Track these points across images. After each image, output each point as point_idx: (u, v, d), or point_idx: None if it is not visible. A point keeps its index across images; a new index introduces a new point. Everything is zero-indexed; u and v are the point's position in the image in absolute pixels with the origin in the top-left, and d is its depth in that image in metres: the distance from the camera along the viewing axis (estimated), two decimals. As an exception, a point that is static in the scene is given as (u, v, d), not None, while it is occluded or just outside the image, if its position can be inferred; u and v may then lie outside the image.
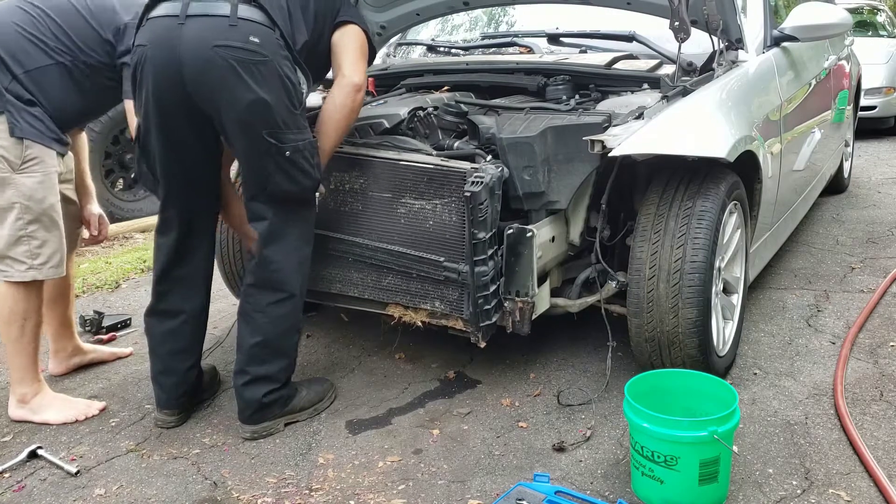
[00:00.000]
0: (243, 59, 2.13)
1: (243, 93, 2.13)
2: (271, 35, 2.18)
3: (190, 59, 2.12)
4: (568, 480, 2.15)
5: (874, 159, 6.76)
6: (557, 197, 2.47)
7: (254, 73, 2.13)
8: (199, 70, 2.12)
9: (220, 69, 2.11)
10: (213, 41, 2.11)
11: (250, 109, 2.15)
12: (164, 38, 2.14)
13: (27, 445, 2.35)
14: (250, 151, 2.24)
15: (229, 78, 2.12)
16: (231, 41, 2.12)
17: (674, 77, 2.76)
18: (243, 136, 2.21)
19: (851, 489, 2.06)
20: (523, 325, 2.43)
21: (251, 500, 2.10)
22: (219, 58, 2.11)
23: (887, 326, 3.10)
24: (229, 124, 2.19)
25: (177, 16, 2.14)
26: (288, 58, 2.22)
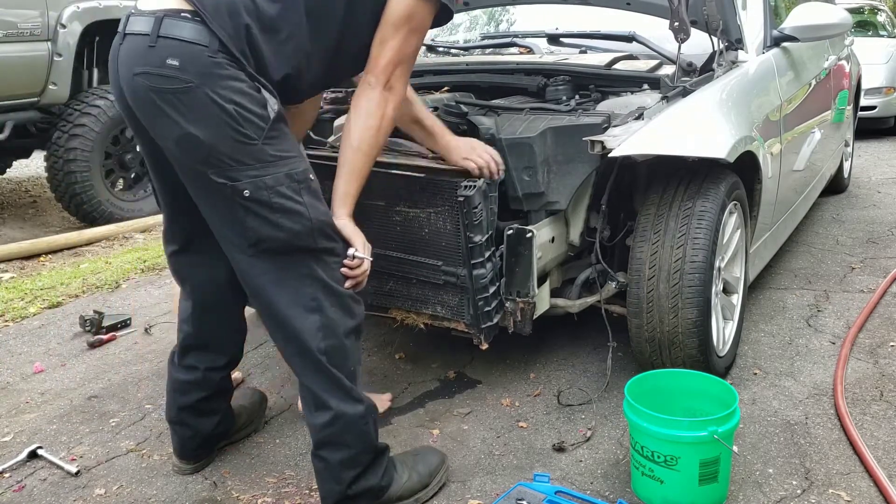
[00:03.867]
0: (159, 87, 1.73)
1: (167, 126, 1.76)
2: (201, 54, 1.72)
3: (125, 88, 1.81)
4: (568, 480, 2.15)
5: (874, 159, 6.76)
6: (557, 197, 2.47)
7: (175, 104, 1.73)
8: (129, 100, 1.81)
9: (142, 101, 1.77)
10: (133, 67, 1.76)
11: (180, 147, 1.77)
12: (112, 59, 1.85)
13: (27, 445, 2.35)
14: (207, 198, 1.84)
15: (149, 110, 1.77)
16: (147, 66, 1.74)
17: (674, 77, 2.76)
18: (189, 178, 1.85)
19: (851, 489, 2.06)
20: (524, 325, 2.42)
21: (251, 500, 2.10)
22: (140, 87, 1.75)
23: (887, 326, 3.10)
24: (175, 164, 1.86)
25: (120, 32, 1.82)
26: (232, 77, 1.74)
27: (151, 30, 1.73)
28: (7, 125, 5.07)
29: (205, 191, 1.83)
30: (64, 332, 3.33)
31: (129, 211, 5.55)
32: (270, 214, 1.79)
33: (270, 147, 1.79)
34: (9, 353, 3.12)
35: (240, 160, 1.76)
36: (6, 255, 4.55)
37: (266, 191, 1.78)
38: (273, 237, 1.81)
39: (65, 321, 3.44)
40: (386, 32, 1.90)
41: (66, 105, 5.33)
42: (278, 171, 1.80)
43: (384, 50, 1.90)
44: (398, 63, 1.92)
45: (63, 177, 5.22)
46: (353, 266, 1.94)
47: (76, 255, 4.78)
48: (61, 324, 3.41)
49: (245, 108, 1.75)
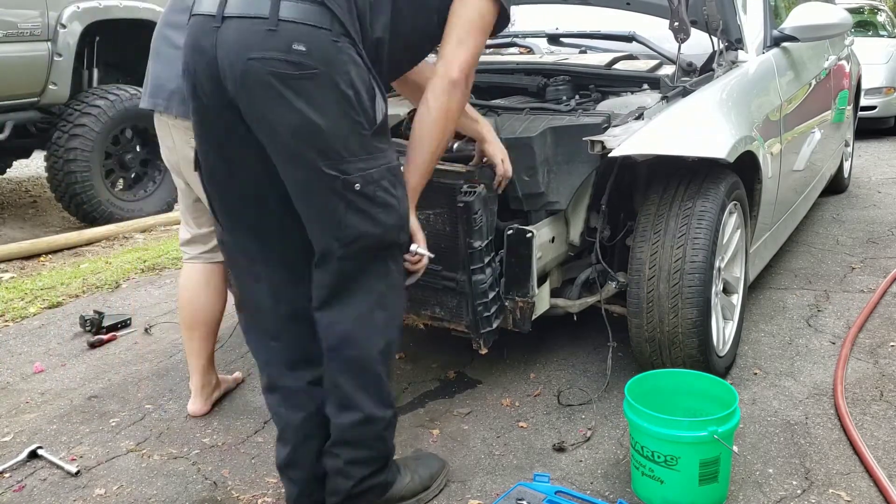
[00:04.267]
0: (284, 73, 1.64)
1: (286, 114, 1.67)
2: (325, 38, 1.66)
3: (225, 73, 1.68)
4: (568, 480, 2.15)
5: (874, 159, 6.76)
6: (557, 197, 2.47)
7: (299, 91, 1.65)
8: (235, 86, 1.68)
9: (257, 87, 1.66)
10: (248, 52, 1.65)
11: (298, 136, 1.68)
12: (200, 44, 1.71)
13: (27, 445, 2.35)
14: (310, 189, 1.75)
15: (267, 97, 1.66)
16: (268, 51, 1.64)
17: (674, 77, 2.76)
18: (296, 168, 1.74)
19: (851, 489, 2.06)
20: (524, 323, 2.42)
21: (251, 500, 2.10)
22: (254, 73, 1.65)
23: (887, 326, 3.10)
24: (279, 156, 1.74)
25: (213, 15, 1.69)
26: (353, 62, 1.69)
27: (270, 12, 1.64)
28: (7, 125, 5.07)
29: (309, 185, 1.74)
30: (64, 332, 3.33)
31: (129, 211, 5.55)
32: (372, 209, 1.76)
33: (376, 139, 1.77)
34: (9, 353, 3.12)
35: (353, 151, 1.72)
36: (6, 255, 4.55)
37: (372, 185, 1.75)
38: (369, 234, 1.78)
39: (65, 321, 3.44)
40: (462, 33, 1.87)
41: (66, 105, 5.33)
42: (381, 164, 1.77)
43: (461, 50, 1.86)
44: (474, 63, 1.91)
45: (63, 177, 5.22)
46: (415, 262, 1.95)
47: (76, 255, 4.78)
48: (61, 324, 3.41)
49: (361, 95, 1.71)
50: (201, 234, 2.52)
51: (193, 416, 2.54)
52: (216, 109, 1.74)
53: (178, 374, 2.85)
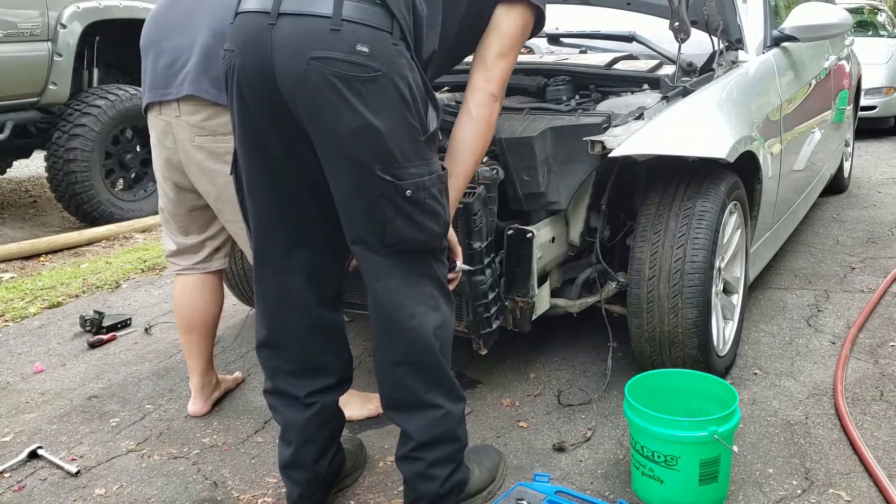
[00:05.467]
0: (347, 74, 1.60)
1: (347, 117, 1.62)
2: (386, 40, 1.63)
3: (283, 72, 1.63)
4: (568, 480, 2.15)
5: (874, 159, 6.77)
6: (557, 197, 2.47)
7: (361, 93, 1.62)
8: (292, 86, 1.63)
9: (317, 88, 1.61)
10: (310, 52, 1.60)
11: (356, 138, 1.64)
12: (254, 42, 1.65)
13: (27, 445, 2.35)
14: (359, 192, 1.71)
15: (329, 98, 1.62)
16: (332, 51, 1.60)
17: (674, 77, 2.76)
18: (349, 172, 1.69)
19: (851, 489, 2.06)
20: (524, 323, 2.42)
21: (251, 500, 2.11)
22: (315, 73, 1.60)
23: (887, 326, 3.10)
24: (332, 159, 1.70)
25: (267, 13, 1.64)
26: (410, 67, 1.68)
27: (333, 11, 1.60)
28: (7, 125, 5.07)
29: (360, 189, 1.71)
30: (64, 332, 3.33)
31: (129, 211, 5.55)
32: (419, 216, 1.74)
33: (428, 145, 1.75)
34: (9, 353, 3.12)
35: (407, 157, 1.70)
36: (6, 255, 4.55)
37: (423, 192, 1.73)
38: (413, 239, 1.76)
39: (65, 321, 3.44)
40: (504, 47, 1.88)
41: (66, 105, 5.33)
42: (432, 172, 1.76)
43: (503, 63, 1.88)
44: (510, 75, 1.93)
45: (63, 177, 5.22)
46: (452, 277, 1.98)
47: (76, 255, 4.78)
48: (61, 324, 3.41)
49: (417, 101, 1.70)
50: (191, 244, 2.47)
51: (194, 416, 2.54)
52: (263, 109, 1.71)
53: (178, 374, 2.86)
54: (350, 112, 1.63)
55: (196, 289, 2.50)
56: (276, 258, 1.88)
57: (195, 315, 2.50)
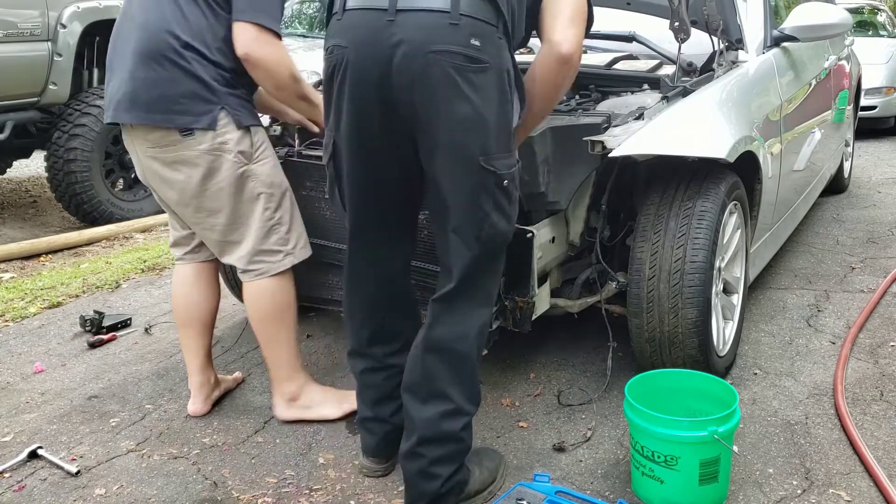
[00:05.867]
0: (462, 66, 1.70)
1: (460, 107, 1.71)
2: (494, 34, 1.74)
3: (401, 66, 1.71)
4: (568, 480, 2.15)
5: (874, 159, 6.77)
6: (557, 197, 2.47)
7: (473, 84, 1.71)
8: (410, 79, 1.71)
9: (436, 79, 1.70)
10: (430, 45, 1.69)
11: (466, 127, 1.73)
12: (370, 37, 1.73)
13: (27, 445, 2.35)
14: (462, 185, 1.79)
15: (445, 89, 1.71)
16: (451, 44, 1.69)
17: (674, 77, 2.76)
18: (455, 163, 1.77)
19: (851, 489, 2.06)
20: (524, 323, 2.42)
21: (251, 500, 2.11)
22: (434, 65, 1.69)
23: (887, 326, 3.10)
24: (440, 148, 1.77)
25: (384, 9, 1.71)
26: (509, 62, 1.79)
27: (451, 6, 1.69)
28: (7, 125, 5.07)
29: (461, 180, 1.79)
30: (64, 332, 3.33)
31: (129, 211, 5.55)
32: (509, 206, 1.86)
33: (514, 137, 1.86)
34: (9, 353, 3.12)
35: (502, 148, 1.80)
36: (6, 255, 4.55)
37: (513, 182, 1.85)
38: (504, 231, 1.87)
39: (65, 321, 3.44)
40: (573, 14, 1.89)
41: (66, 105, 5.33)
42: (518, 163, 1.88)
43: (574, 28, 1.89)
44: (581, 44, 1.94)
45: (63, 177, 5.22)
46: None
47: (76, 255, 4.78)
48: (61, 324, 3.41)
49: (513, 92, 1.80)
50: (183, 235, 2.53)
51: (193, 415, 2.54)
52: (374, 104, 1.78)
53: (178, 374, 2.86)
54: (463, 101, 1.72)
55: (191, 280, 2.54)
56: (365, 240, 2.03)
57: (191, 307, 2.52)
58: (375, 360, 2.13)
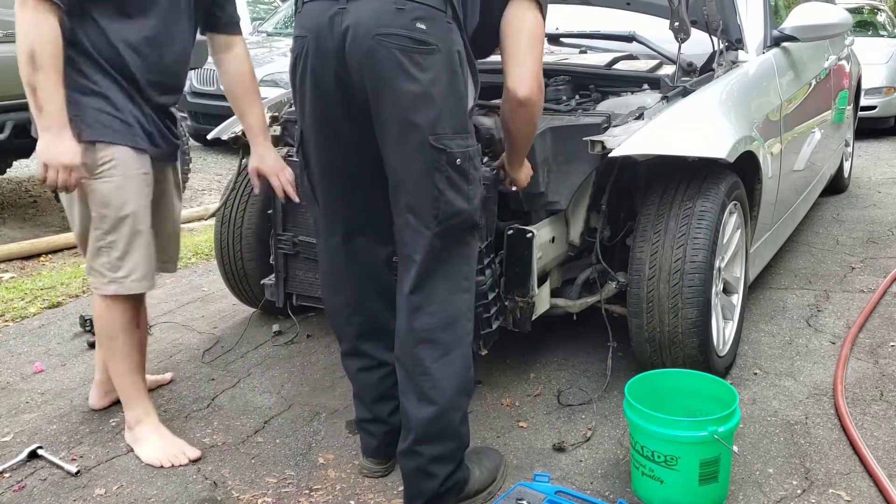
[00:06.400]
0: (408, 47, 1.79)
1: (406, 86, 1.79)
2: (441, 18, 1.82)
3: (352, 51, 1.80)
4: (568, 480, 2.15)
5: (874, 159, 6.77)
6: (557, 197, 2.47)
7: (420, 64, 1.79)
8: (359, 62, 1.80)
9: (382, 60, 1.79)
10: (377, 28, 1.78)
11: (414, 106, 1.80)
12: (324, 26, 1.82)
13: (27, 445, 2.35)
14: (413, 163, 1.85)
15: (391, 70, 1.79)
16: (396, 28, 1.78)
17: (674, 77, 2.77)
18: (406, 142, 1.84)
19: (851, 489, 2.06)
20: (524, 323, 2.43)
21: (251, 500, 2.11)
22: (381, 48, 1.78)
23: (887, 326, 3.10)
24: (391, 127, 1.84)
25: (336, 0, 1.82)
26: (459, 45, 1.86)
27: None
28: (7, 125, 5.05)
29: (413, 159, 1.84)
30: (64, 332, 3.32)
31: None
32: (467, 186, 1.89)
33: (469, 120, 1.91)
34: (9, 353, 3.12)
35: (455, 128, 1.85)
36: (6, 255, 4.55)
37: (468, 161, 1.88)
38: (462, 211, 1.89)
39: (65, 321, 3.44)
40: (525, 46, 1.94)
41: (66, 105, 5.31)
42: (473, 143, 1.91)
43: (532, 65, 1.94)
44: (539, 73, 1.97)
45: (63, 177, 5.20)
46: None
47: (76, 255, 4.77)
48: (61, 324, 3.41)
49: (465, 77, 1.87)
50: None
51: (91, 408, 2.58)
52: (333, 88, 1.85)
53: (178, 375, 2.86)
54: (410, 80, 1.79)
55: None
56: (341, 232, 2.04)
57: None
58: (368, 357, 2.13)
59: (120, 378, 2.35)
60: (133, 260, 2.22)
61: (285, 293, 2.76)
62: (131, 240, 2.21)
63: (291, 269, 2.72)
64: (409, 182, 1.87)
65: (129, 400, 2.36)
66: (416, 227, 1.88)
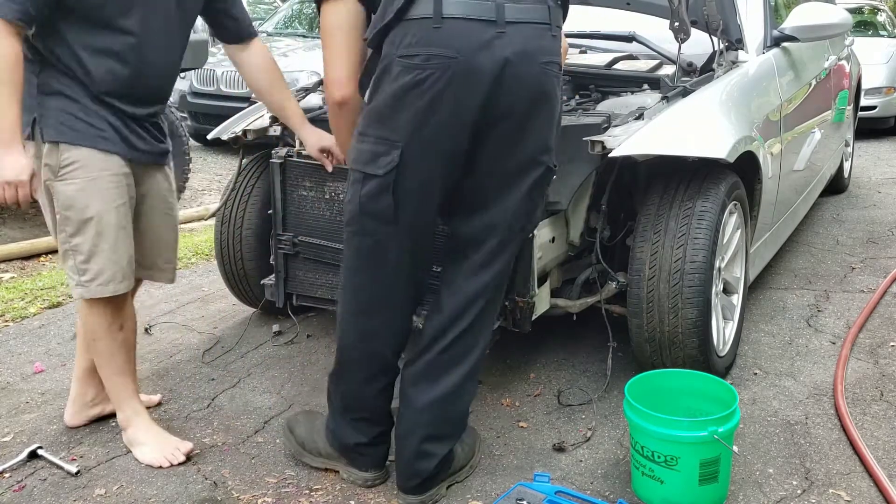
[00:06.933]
0: (559, 75, 1.84)
1: (550, 113, 1.84)
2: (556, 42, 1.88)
3: (517, 77, 1.75)
4: (568, 480, 2.15)
5: (874, 159, 6.77)
6: (557, 197, 2.47)
7: (559, 89, 1.87)
8: (524, 89, 1.77)
9: (547, 87, 1.80)
10: (541, 56, 1.77)
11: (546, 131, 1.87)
12: (479, 49, 1.72)
13: (27, 445, 2.35)
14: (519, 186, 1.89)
15: (552, 97, 1.82)
16: (555, 56, 1.79)
17: (674, 77, 2.77)
18: (534, 168, 1.88)
19: (851, 489, 2.06)
20: (524, 323, 2.43)
21: (251, 500, 2.11)
22: (545, 76, 1.79)
23: (887, 326, 3.10)
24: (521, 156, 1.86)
25: (492, 21, 1.73)
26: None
27: (550, 19, 1.80)
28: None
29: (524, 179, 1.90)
30: (64, 332, 3.32)
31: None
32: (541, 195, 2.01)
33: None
34: (9, 353, 3.12)
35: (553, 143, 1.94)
36: (6, 255, 4.55)
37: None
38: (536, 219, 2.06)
39: (65, 321, 3.44)
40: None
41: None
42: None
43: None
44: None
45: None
46: None
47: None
48: (61, 324, 3.41)
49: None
50: None
51: (67, 425, 2.48)
52: (473, 111, 1.79)
53: (179, 375, 2.86)
54: (553, 108, 1.86)
55: None
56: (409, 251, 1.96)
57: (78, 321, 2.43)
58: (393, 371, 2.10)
59: (106, 379, 2.34)
60: (98, 263, 2.16)
61: (285, 293, 2.76)
62: (96, 242, 2.15)
63: (291, 269, 2.72)
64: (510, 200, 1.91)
65: (117, 401, 2.35)
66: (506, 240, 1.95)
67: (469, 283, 1.98)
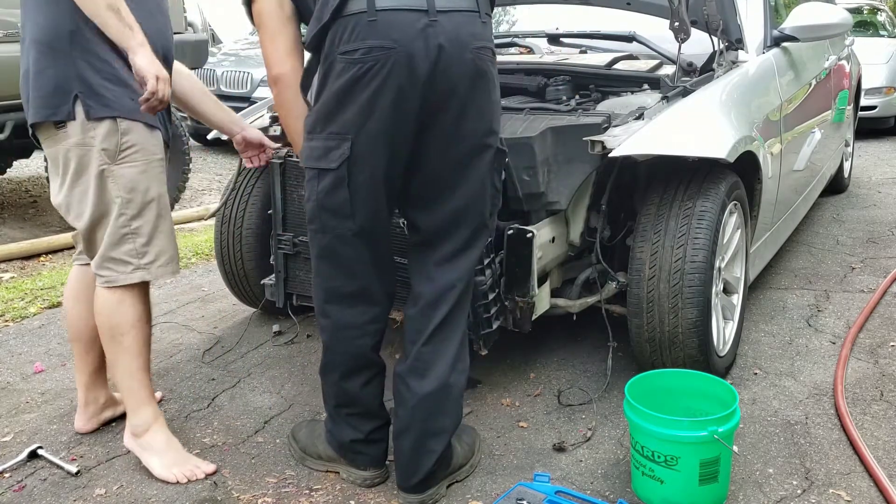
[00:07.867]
0: (492, 59, 1.89)
1: (486, 97, 1.88)
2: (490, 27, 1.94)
3: (450, 64, 1.80)
4: (568, 480, 2.15)
5: (874, 159, 6.77)
6: (557, 197, 2.47)
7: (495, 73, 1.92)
8: (457, 76, 1.81)
9: (478, 73, 1.84)
10: (472, 42, 1.82)
11: (486, 115, 1.90)
12: (415, 38, 1.76)
13: (27, 445, 2.35)
14: (474, 172, 1.94)
15: (485, 81, 1.86)
16: (486, 41, 1.85)
17: (674, 77, 2.77)
18: (483, 152, 1.93)
19: (851, 489, 2.06)
20: (524, 323, 2.43)
21: (251, 500, 2.11)
22: (478, 60, 1.83)
23: (887, 326, 3.10)
24: (467, 140, 1.89)
25: (424, 10, 1.77)
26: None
27: (479, 6, 1.85)
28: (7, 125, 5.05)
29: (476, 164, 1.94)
30: (64, 332, 3.32)
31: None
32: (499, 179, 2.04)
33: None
34: (9, 353, 3.12)
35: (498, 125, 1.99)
36: (6, 255, 4.55)
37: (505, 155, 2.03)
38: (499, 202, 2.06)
39: (65, 321, 3.44)
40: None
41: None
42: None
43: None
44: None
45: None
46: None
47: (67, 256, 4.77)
48: (61, 324, 3.41)
49: None
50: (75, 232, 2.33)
51: (78, 432, 2.45)
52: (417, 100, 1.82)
53: (179, 375, 2.86)
54: (490, 91, 1.90)
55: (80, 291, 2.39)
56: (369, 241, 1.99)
57: (78, 322, 2.40)
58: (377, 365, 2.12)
59: (129, 378, 2.22)
60: (159, 244, 2.17)
61: (285, 293, 2.76)
62: (157, 223, 2.15)
63: (291, 269, 2.72)
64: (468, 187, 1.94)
65: (137, 403, 2.23)
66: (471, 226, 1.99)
67: (442, 273, 2.01)
